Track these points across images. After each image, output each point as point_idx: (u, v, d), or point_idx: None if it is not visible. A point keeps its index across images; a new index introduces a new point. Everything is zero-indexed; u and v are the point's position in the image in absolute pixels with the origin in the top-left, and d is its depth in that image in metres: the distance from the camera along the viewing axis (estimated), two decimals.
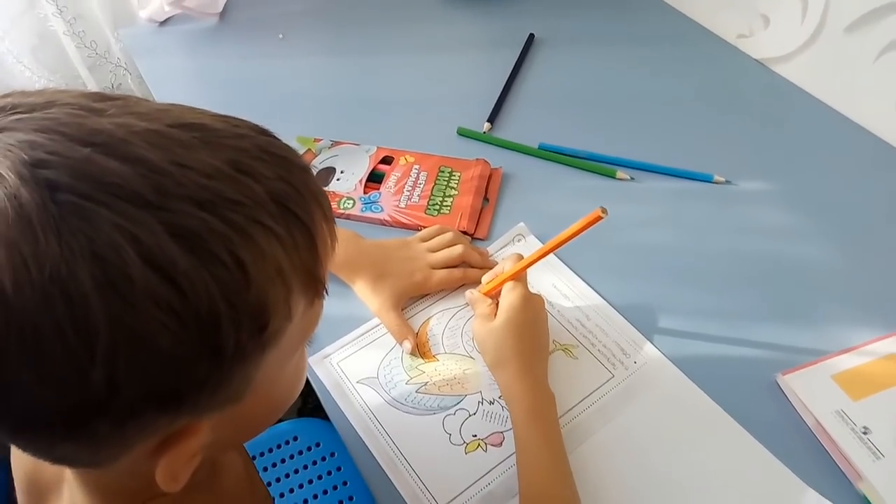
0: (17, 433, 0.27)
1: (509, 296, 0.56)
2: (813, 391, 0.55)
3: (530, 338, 0.56)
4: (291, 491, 0.72)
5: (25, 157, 0.24)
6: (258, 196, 0.27)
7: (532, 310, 0.56)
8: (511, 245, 0.68)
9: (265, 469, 0.73)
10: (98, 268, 0.23)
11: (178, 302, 0.25)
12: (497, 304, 0.57)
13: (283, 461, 0.74)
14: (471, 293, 0.61)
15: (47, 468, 0.42)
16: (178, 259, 0.25)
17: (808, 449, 0.53)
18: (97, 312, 0.23)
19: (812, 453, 0.53)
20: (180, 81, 0.89)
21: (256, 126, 0.31)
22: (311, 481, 0.72)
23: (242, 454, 0.48)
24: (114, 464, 0.29)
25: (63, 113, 0.26)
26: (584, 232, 0.53)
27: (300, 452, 0.75)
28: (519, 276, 0.57)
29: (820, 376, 0.56)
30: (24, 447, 0.29)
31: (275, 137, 0.31)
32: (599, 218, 0.51)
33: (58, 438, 0.27)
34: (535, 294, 0.57)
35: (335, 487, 0.72)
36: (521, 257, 0.58)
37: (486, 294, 0.60)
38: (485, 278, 0.61)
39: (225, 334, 0.26)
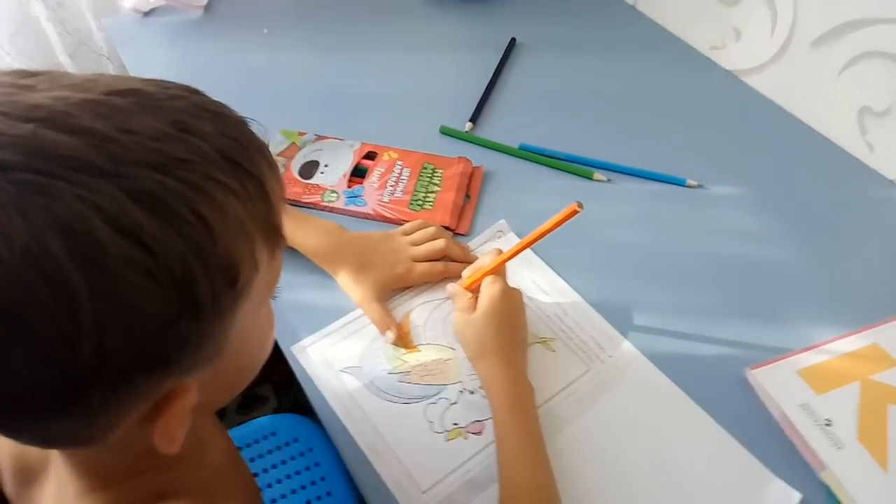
0: (14, 416, 0.27)
1: (489, 289, 0.57)
2: (780, 385, 0.57)
3: (510, 330, 0.57)
4: (269, 486, 0.71)
5: None
6: (206, 153, 0.28)
7: (511, 303, 0.57)
8: (492, 241, 0.69)
9: None
10: (68, 240, 0.23)
11: (152, 263, 0.25)
12: (477, 298, 0.58)
13: (260, 456, 0.73)
14: (452, 287, 0.62)
15: (33, 450, 0.41)
16: (143, 222, 0.25)
17: (774, 440, 0.55)
18: (76, 283, 0.24)
19: (778, 444, 0.55)
20: (163, 72, 0.85)
21: (186, 86, 0.31)
22: (288, 476, 0.71)
23: (226, 436, 0.48)
24: (108, 436, 0.30)
25: None
26: (561, 227, 0.54)
27: (278, 448, 0.73)
28: (498, 271, 0.58)
29: (786, 371, 0.59)
30: (19, 432, 0.29)
31: (205, 95, 0.31)
32: (575, 212, 0.52)
33: (54, 416, 0.27)
34: (514, 288, 0.59)
35: (313, 483, 0.71)
36: (500, 252, 0.59)
37: (466, 288, 0.60)
38: (465, 272, 0.62)
39: (201, 291, 0.27)
